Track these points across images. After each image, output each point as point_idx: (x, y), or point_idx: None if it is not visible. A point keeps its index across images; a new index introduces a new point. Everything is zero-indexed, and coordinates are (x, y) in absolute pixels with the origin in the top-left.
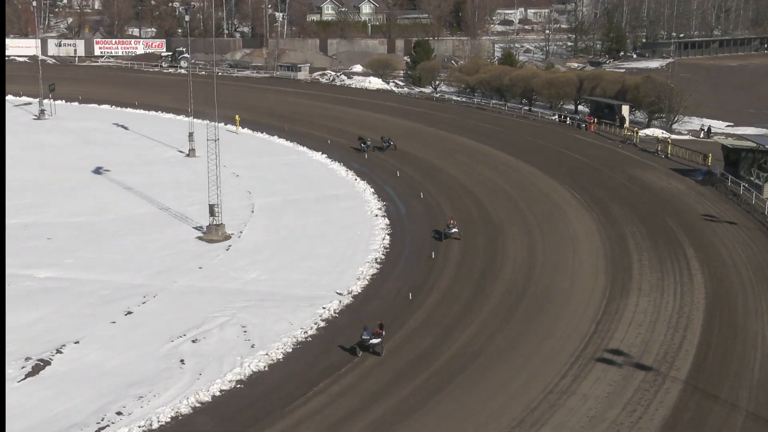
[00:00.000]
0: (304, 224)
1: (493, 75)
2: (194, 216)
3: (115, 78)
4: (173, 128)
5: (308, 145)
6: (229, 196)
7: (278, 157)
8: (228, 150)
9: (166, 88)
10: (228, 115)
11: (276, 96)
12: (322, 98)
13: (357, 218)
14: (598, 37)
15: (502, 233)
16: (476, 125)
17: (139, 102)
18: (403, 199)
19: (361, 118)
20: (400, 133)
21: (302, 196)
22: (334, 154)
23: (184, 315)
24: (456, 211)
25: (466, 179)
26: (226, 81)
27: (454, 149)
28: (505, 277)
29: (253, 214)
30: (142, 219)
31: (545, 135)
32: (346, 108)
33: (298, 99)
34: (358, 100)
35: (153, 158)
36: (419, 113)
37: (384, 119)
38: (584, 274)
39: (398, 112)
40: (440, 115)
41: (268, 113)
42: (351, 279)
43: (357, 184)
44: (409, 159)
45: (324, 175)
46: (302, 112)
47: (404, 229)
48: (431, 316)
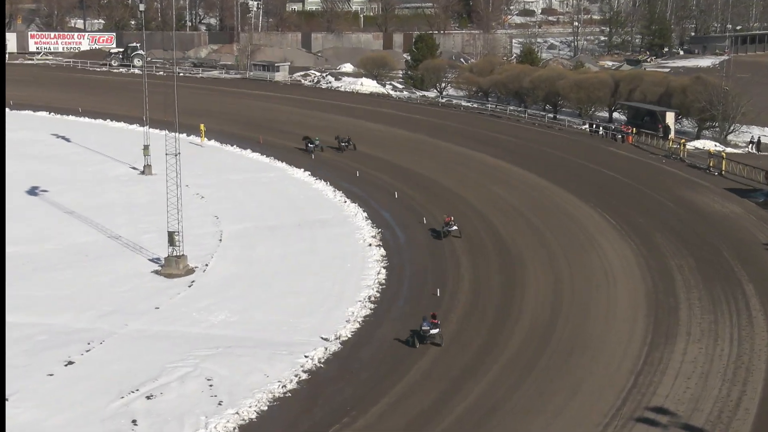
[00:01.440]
0: (282, 255)
1: (510, 76)
2: (150, 245)
3: (54, 79)
4: (125, 140)
5: (288, 161)
6: (192, 222)
7: (252, 175)
8: (191, 166)
9: (117, 92)
10: (191, 125)
11: (249, 101)
12: (304, 104)
13: (347, 248)
14: (637, 30)
15: (521, 266)
16: (490, 136)
17: (84, 108)
18: (403, 224)
19: (352, 127)
20: (398, 145)
21: (281, 222)
22: (319, 171)
23: (136, 365)
24: (465, 239)
25: (478, 201)
26: (189, 83)
27: (463, 165)
28: (524, 319)
29: (222, 243)
30: (87, 249)
31: (573, 148)
32: (334, 116)
33: (276, 105)
34: (348, 107)
35: (100, 176)
36: (421, 122)
37: (379, 129)
38: (621, 315)
39: (396, 121)
40: (447, 124)
41: (240, 122)
42: (339, 321)
43: (347, 207)
44: (409, 176)
45: (307, 197)
46: (281, 121)
47: (403, 261)
48: (436, 367)
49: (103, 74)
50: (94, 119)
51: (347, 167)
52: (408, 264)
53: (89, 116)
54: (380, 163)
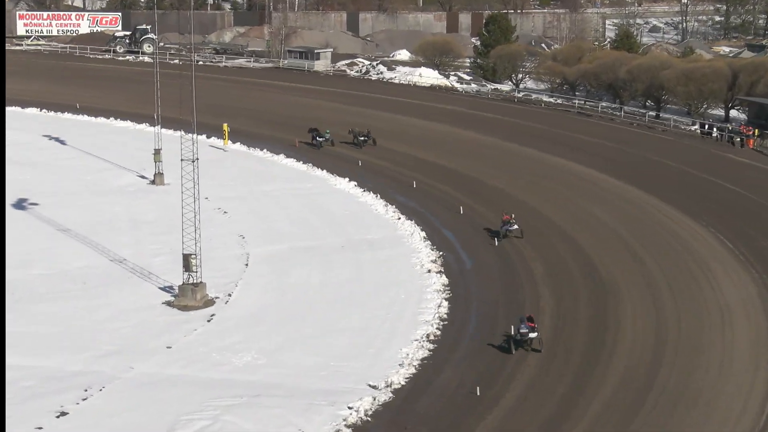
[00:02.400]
0: (322, 283)
1: (603, 65)
2: (161, 271)
3: (47, 69)
4: (131, 143)
5: (329, 168)
6: (213, 243)
7: (285, 186)
8: (212, 175)
9: (122, 85)
10: (212, 125)
11: (282, 96)
12: (350, 99)
13: (401, 275)
14: (761, 8)
15: (616, 298)
16: (577, 139)
17: (83, 104)
18: (469, 246)
19: (408, 127)
20: (464, 150)
21: (320, 243)
22: (367, 181)
23: (143, 417)
24: (547, 264)
25: (563, 218)
26: (209, 74)
27: (544, 175)
28: (618, 364)
29: (248, 268)
30: (83, 275)
31: (680, 154)
32: (386, 113)
33: (316, 100)
34: (403, 103)
35: (101, 186)
36: (493, 121)
37: (441, 130)
38: (739, 361)
39: (462, 120)
40: (524, 125)
41: (272, 121)
42: (390, 365)
43: (401, 225)
44: (477, 189)
45: (353, 212)
46: (321, 120)
47: (470, 292)
48: (510, 422)
49: (106, 63)
50: (94, 117)
51: (401, 177)
52: (476, 295)
53: (89, 114)
54: (442, 172)
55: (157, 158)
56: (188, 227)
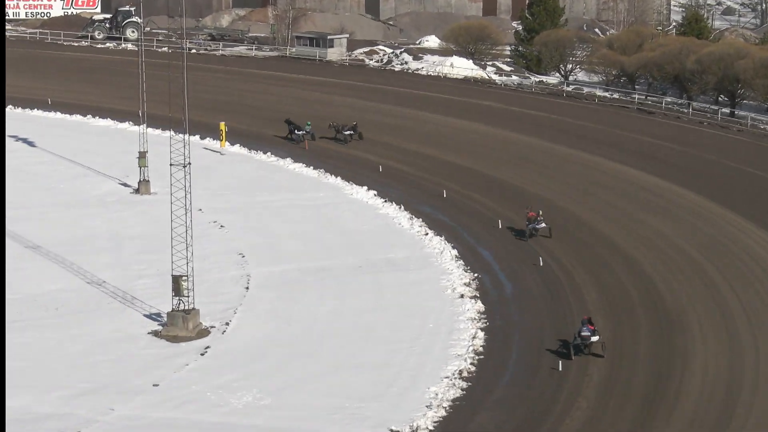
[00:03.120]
0: (336, 311)
1: (667, 53)
2: (146, 296)
3: (13, 59)
4: (112, 145)
5: (345, 175)
6: (208, 263)
7: (293, 195)
8: (207, 182)
9: (102, 77)
10: (207, 123)
11: (289, 90)
12: (368, 94)
13: (429, 301)
14: None
15: (683, 330)
16: (637, 141)
17: (55, 100)
18: (509, 267)
19: (437, 127)
20: (503, 153)
21: (334, 263)
22: (389, 190)
23: None
24: (601, 289)
25: (622, 236)
26: (204, 64)
27: (598, 183)
28: (686, 406)
29: (249, 292)
30: (57, 300)
31: (761, 158)
32: (411, 110)
33: (328, 95)
34: (431, 98)
35: (77, 196)
36: (538, 120)
37: (475, 130)
38: None
39: (501, 118)
40: (575, 124)
41: (276, 120)
42: (416, 407)
43: (429, 242)
44: (519, 198)
45: (372, 227)
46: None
47: (510, 321)
48: None
49: (83, 51)
50: (69, 115)
51: (429, 185)
52: (517, 325)
53: (62, 110)
54: (477, 179)
55: (142, 163)
56: (178, 244)
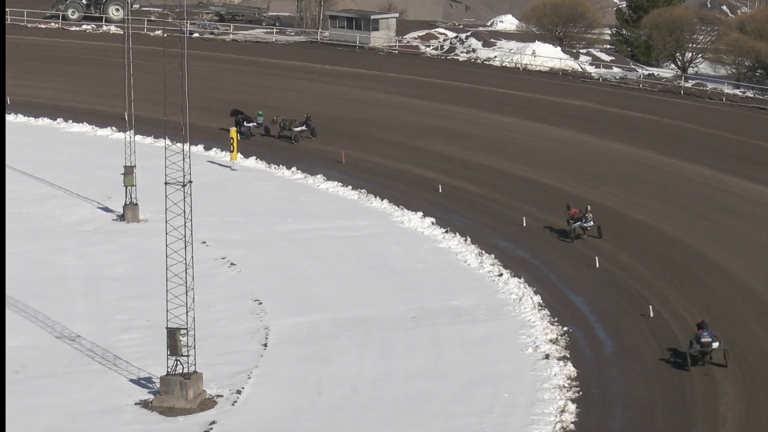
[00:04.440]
0: (381, 376)
1: None
2: (133, 354)
3: None
4: (90, 157)
5: (393, 197)
6: (214, 312)
7: (324, 224)
8: (214, 206)
9: (77, 69)
10: (214, 130)
11: (322, 86)
12: (423, 91)
13: (502, 363)
14: None
15: None
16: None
17: (18, 99)
18: (610, 318)
19: (514, 134)
20: (601, 168)
21: (378, 312)
22: (452, 216)
23: None
24: (732, 351)
25: (753, 276)
26: (210, 52)
27: (729, 208)
28: None
29: (267, 350)
30: (17, 360)
31: None
32: (479, 113)
33: (371, 93)
34: (507, 96)
35: (44, 223)
36: (647, 125)
37: (564, 138)
38: None
39: (599, 123)
40: (696, 130)
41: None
42: None
43: (504, 286)
44: (621, 227)
45: (429, 265)
46: (379, 122)
47: (611, 390)
48: None
49: (52, 35)
50: (34, 118)
51: (503, 210)
52: (619, 394)
53: (26, 113)
54: (565, 202)
55: (128, 181)
56: (175, 287)
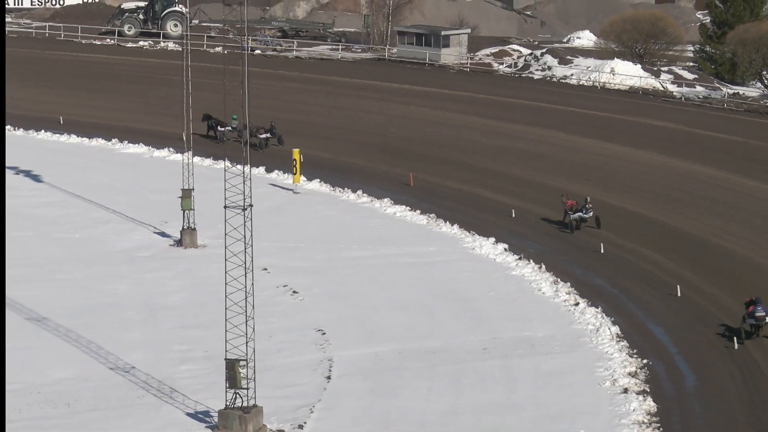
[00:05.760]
0: (451, 410)
1: None
2: (190, 387)
3: (13, 62)
4: (146, 179)
5: (464, 222)
6: (275, 342)
7: (391, 250)
8: (275, 231)
9: (133, 87)
10: (277, 151)
11: (389, 105)
12: (496, 111)
13: (579, 396)
14: None
15: None
16: None
17: (70, 118)
18: (692, 350)
19: (591, 156)
20: (684, 193)
21: (448, 343)
22: (525, 243)
23: None
24: None
25: None
26: (273, 69)
27: None
28: None
29: (331, 383)
30: (69, 393)
31: None
32: (555, 133)
33: (441, 112)
34: (585, 115)
35: (98, 249)
36: (733, 147)
37: (646, 162)
38: None
39: (681, 144)
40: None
41: (371, 146)
42: None
43: (580, 316)
44: (705, 255)
45: (502, 293)
46: (449, 143)
47: (694, 426)
48: None
49: (108, 52)
50: (88, 138)
51: (580, 236)
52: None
53: (79, 133)
54: (647, 229)
55: (186, 205)
56: (235, 316)
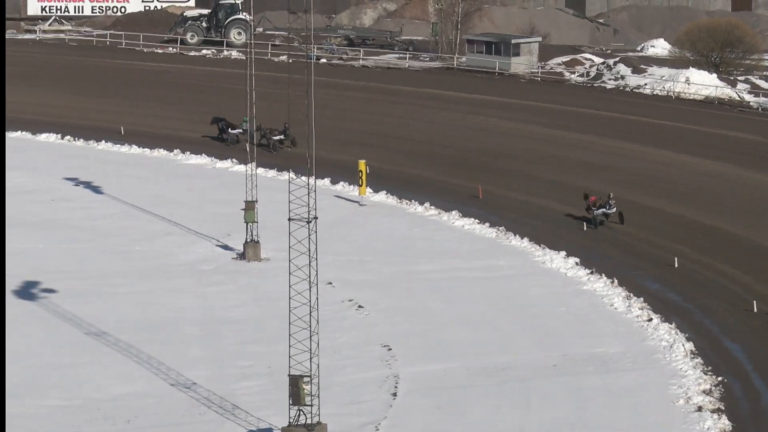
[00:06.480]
0: (520, 427)
1: None
2: (252, 404)
3: (73, 71)
4: (208, 191)
5: (534, 235)
6: (340, 358)
7: (459, 263)
8: (340, 244)
9: (196, 97)
10: (342, 162)
11: (457, 115)
12: (568, 121)
13: (652, 415)
14: None
15: None
16: None
17: (131, 128)
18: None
19: (665, 168)
20: (764, 207)
21: (516, 360)
22: (597, 256)
23: None
24: None
25: None
26: (339, 78)
27: None
28: None
29: (397, 400)
30: (128, 409)
31: None
32: (627, 144)
33: (511, 123)
34: (658, 126)
35: (159, 262)
36: None
37: (722, 174)
38: None
39: (759, 156)
40: None
41: (438, 158)
42: None
43: (654, 332)
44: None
45: (572, 309)
46: (519, 155)
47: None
48: None
49: (170, 61)
50: (149, 149)
51: (653, 250)
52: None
53: (140, 143)
54: (723, 243)
55: (249, 217)
56: (299, 331)
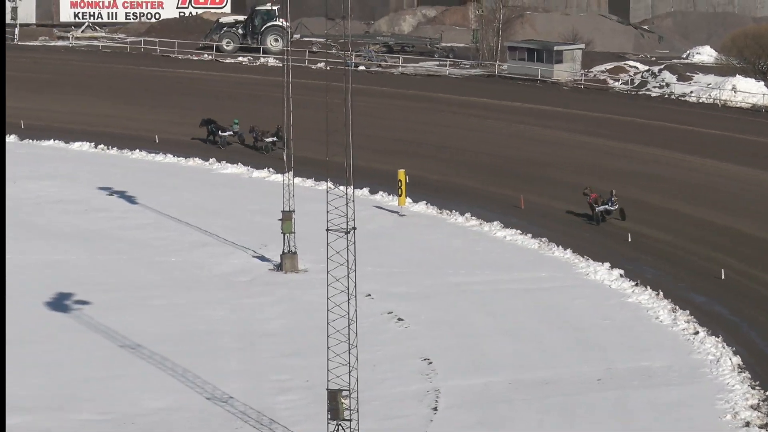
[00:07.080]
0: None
1: None
2: (290, 418)
3: (107, 78)
4: (245, 201)
5: (577, 247)
6: (380, 371)
7: (501, 275)
8: (380, 256)
9: (231, 103)
10: (381, 171)
11: (499, 124)
12: (611, 130)
13: (698, 430)
14: None
15: None
16: None
17: (165, 137)
18: None
19: (711, 178)
20: None
21: (560, 374)
22: (642, 268)
23: None
24: None
25: None
26: (378, 86)
27: None
28: None
29: (438, 414)
30: (164, 423)
31: None
32: (672, 153)
33: (553, 131)
34: (704, 134)
35: (194, 274)
36: None
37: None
38: None
39: None
40: None
41: (479, 166)
42: None
43: (700, 345)
44: None
45: (617, 321)
46: (562, 164)
47: None
48: None
49: (205, 68)
50: (184, 158)
51: (699, 261)
52: None
53: (175, 153)
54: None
55: (286, 227)
56: (337, 344)
